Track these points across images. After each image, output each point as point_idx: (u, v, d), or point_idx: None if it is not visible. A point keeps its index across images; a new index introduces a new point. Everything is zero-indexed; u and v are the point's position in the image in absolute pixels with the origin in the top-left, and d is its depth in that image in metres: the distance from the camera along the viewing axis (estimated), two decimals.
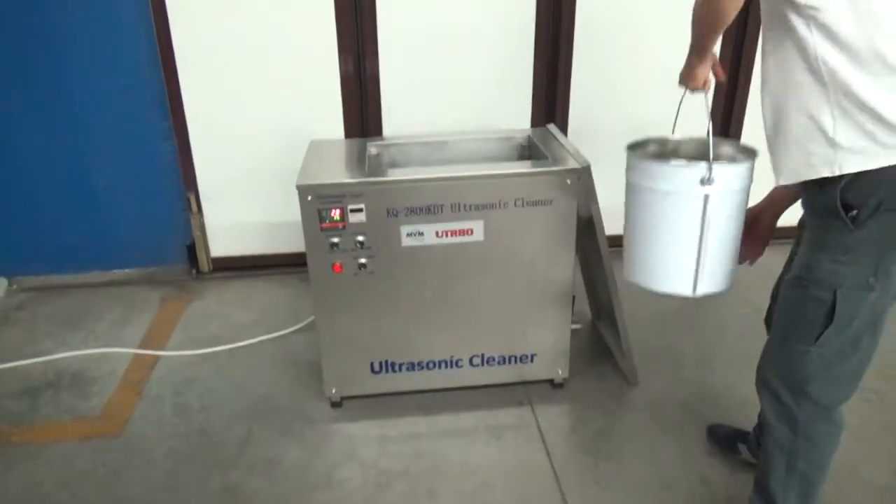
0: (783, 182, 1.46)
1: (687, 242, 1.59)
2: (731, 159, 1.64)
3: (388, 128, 3.10)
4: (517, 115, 3.11)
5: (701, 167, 1.53)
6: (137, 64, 2.87)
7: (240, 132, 3.05)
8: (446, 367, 2.36)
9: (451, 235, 2.15)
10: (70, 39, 2.81)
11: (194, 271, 3.28)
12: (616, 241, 1.94)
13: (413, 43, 2.99)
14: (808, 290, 1.53)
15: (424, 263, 2.18)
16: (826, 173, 1.41)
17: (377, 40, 2.95)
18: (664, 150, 1.77)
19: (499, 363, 2.40)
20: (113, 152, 3.01)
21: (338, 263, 2.15)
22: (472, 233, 2.15)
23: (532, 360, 2.41)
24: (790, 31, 1.36)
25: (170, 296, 3.16)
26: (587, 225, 2.29)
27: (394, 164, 2.48)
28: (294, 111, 3.02)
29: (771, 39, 1.45)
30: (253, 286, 3.22)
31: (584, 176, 2.16)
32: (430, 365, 2.36)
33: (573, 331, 2.43)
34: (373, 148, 2.47)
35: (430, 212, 2.12)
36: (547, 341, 2.38)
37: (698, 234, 1.57)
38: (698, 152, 1.69)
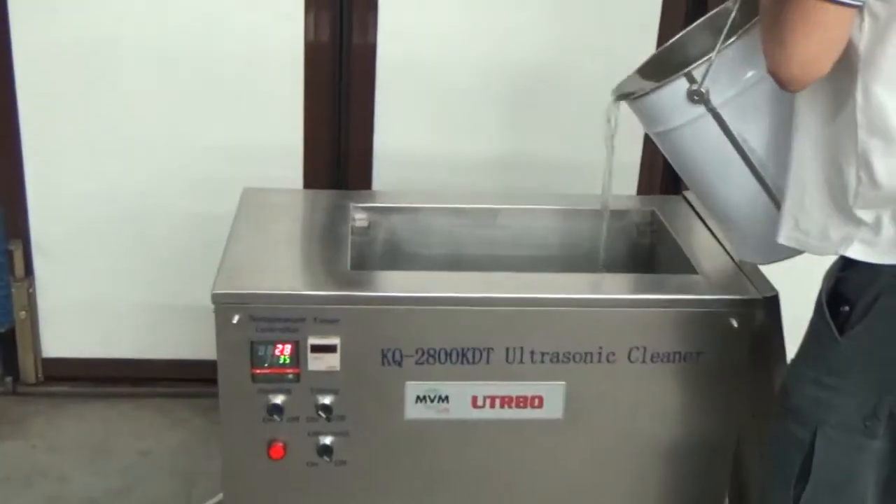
0: (782, 240, 1.61)
1: (746, 187, 1.72)
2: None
3: (384, 150, 2.85)
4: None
5: (678, 82, 1.63)
6: None
7: (111, 145, 2.82)
8: None
9: (503, 407, 1.93)
10: None
11: (10, 381, 3.05)
12: None
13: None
14: (786, 424, 1.65)
15: (445, 455, 1.97)
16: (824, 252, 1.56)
17: None
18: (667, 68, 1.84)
19: None
20: None
21: (279, 443, 1.91)
22: (540, 404, 1.93)
23: None
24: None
25: None
26: (757, 397, 1.99)
27: (396, 250, 2.24)
28: (211, 118, 2.79)
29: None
30: (113, 418, 2.95)
31: (765, 313, 1.90)
32: None
33: None
34: (359, 214, 2.21)
35: (464, 360, 1.88)
36: None
37: (747, 171, 1.69)
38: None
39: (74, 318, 3.04)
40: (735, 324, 1.86)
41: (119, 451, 2.77)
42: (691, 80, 1.62)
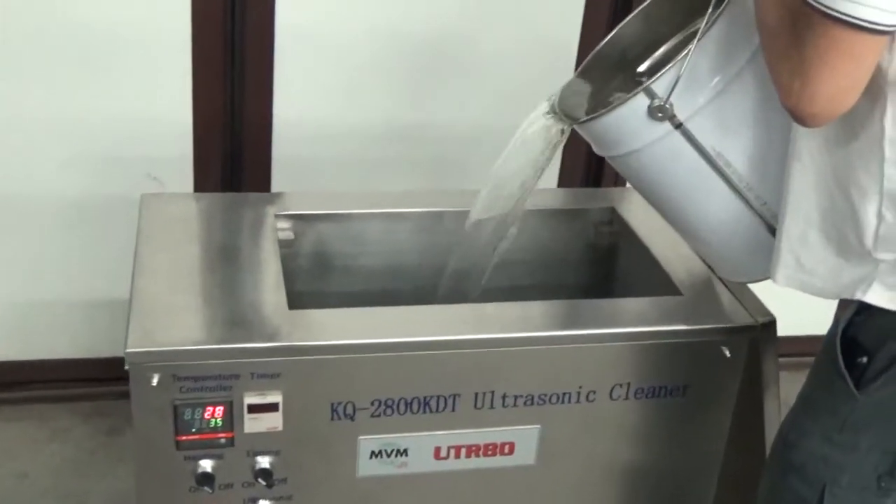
0: (779, 283, 1.53)
1: (725, 207, 1.62)
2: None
3: (283, 121, 2.66)
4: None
5: (636, 100, 1.52)
6: None
7: None
8: None
9: (469, 456, 1.80)
10: None
11: None
12: None
13: None
14: (786, 480, 1.56)
15: None
16: (842, 294, 1.47)
17: None
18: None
19: None
20: None
21: None
22: (511, 451, 1.81)
23: None
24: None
25: None
26: (744, 432, 1.89)
27: (327, 264, 2.08)
28: (72, 88, 2.52)
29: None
30: None
31: (760, 341, 1.79)
32: None
33: None
34: (282, 223, 2.02)
35: (427, 409, 1.73)
36: None
37: (726, 189, 1.59)
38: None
39: None
40: (727, 353, 1.74)
41: None
42: (651, 95, 1.48)
